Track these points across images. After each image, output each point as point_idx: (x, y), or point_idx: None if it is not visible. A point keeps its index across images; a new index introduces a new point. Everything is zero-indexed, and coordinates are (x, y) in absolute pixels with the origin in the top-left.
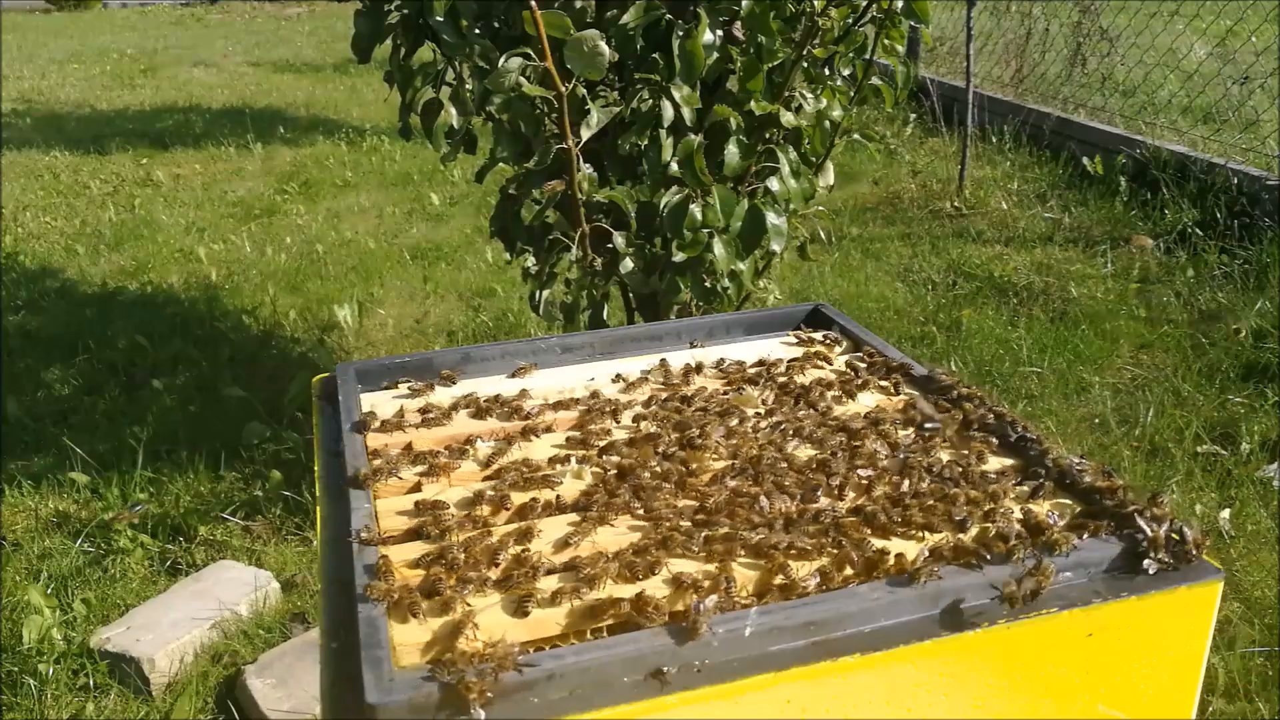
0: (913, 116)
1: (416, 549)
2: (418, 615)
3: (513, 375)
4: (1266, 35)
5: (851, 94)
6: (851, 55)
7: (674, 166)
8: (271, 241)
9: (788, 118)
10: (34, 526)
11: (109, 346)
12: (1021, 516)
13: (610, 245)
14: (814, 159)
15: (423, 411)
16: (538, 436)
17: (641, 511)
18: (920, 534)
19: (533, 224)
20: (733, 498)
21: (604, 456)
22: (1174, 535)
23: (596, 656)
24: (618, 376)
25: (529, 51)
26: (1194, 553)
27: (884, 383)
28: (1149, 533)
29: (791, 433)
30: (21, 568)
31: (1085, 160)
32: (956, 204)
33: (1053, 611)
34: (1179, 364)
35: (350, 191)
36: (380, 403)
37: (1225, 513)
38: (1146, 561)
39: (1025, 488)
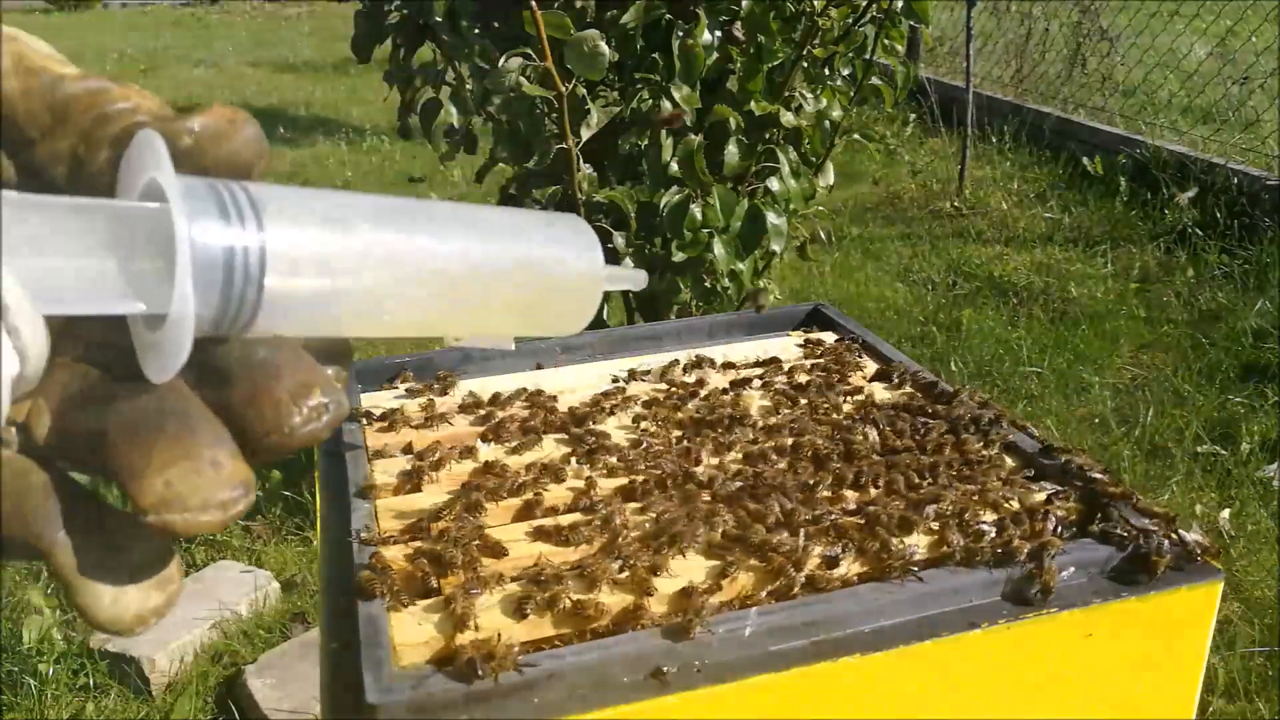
0: (912, 116)
1: (416, 548)
2: (416, 615)
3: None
4: (1266, 35)
5: (851, 94)
6: (851, 55)
7: (674, 166)
8: None
9: (788, 118)
10: None
11: None
12: (1024, 517)
13: (610, 245)
14: (814, 159)
15: (423, 411)
16: (538, 436)
17: (641, 512)
18: (921, 534)
19: None
20: (732, 498)
21: (604, 456)
22: (1181, 545)
23: (596, 656)
24: (618, 376)
25: (529, 51)
26: (1199, 556)
27: (883, 383)
28: (1155, 550)
29: (791, 433)
30: (22, 568)
31: (1085, 160)
32: (956, 204)
33: (1052, 611)
34: (1179, 364)
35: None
36: (380, 402)
37: (1225, 513)
38: (1148, 571)
39: (1027, 489)
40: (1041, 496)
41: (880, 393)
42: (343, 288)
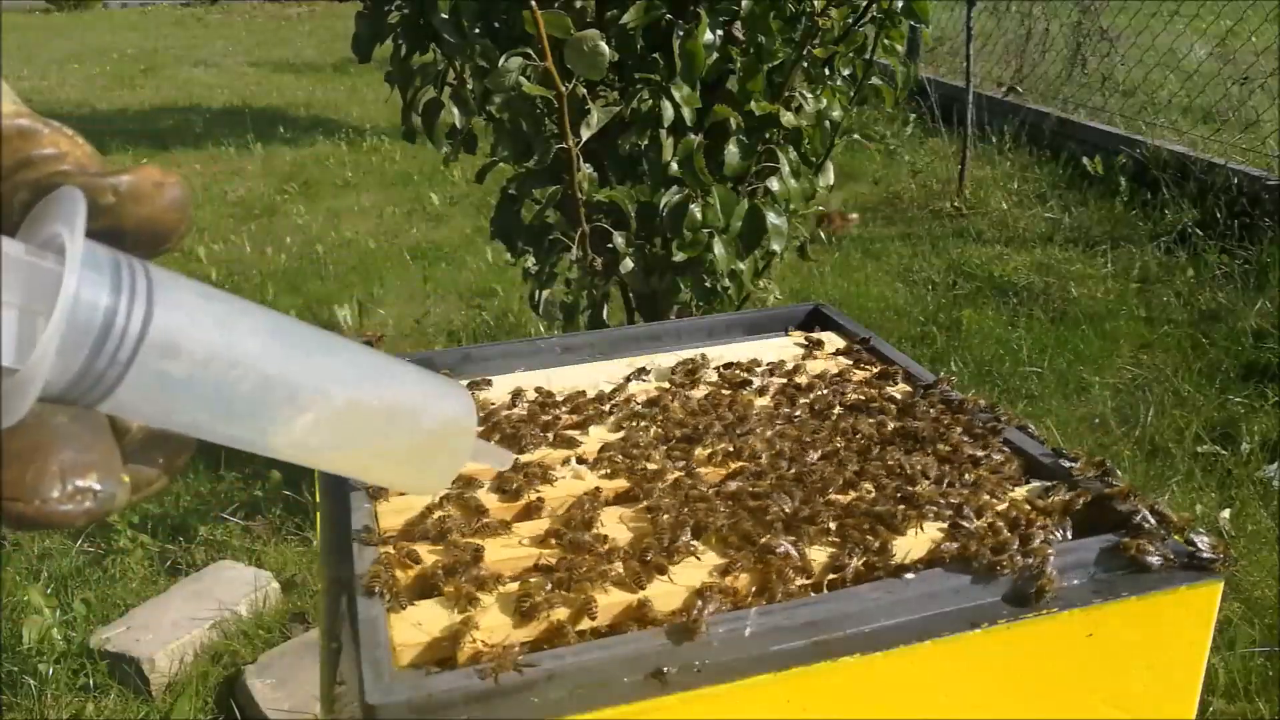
0: (912, 116)
1: (416, 549)
2: (416, 615)
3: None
4: (1266, 35)
5: (851, 94)
6: (851, 55)
7: (674, 166)
8: (271, 241)
9: (788, 118)
10: None
11: None
12: (1023, 517)
13: (610, 245)
14: (814, 159)
15: None
16: (540, 436)
17: (642, 514)
18: (922, 535)
19: (533, 224)
20: (732, 499)
21: (604, 453)
22: (1190, 544)
23: (596, 656)
24: (617, 376)
25: (529, 51)
26: (1215, 559)
27: (883, 384)
28: (1160, 548)
29: (791, 433)
30: (21, 568)
31: (1085, 160)
32: (956, 204)
33: (1053, 611)
34: (1179, 364)
35: (350, 191)
36: None
37: (1225, 513)
38: (1148, 558)
39: (1027, 488)
40: (1041, 496)
41: (880, 394)
42: (206, 395)
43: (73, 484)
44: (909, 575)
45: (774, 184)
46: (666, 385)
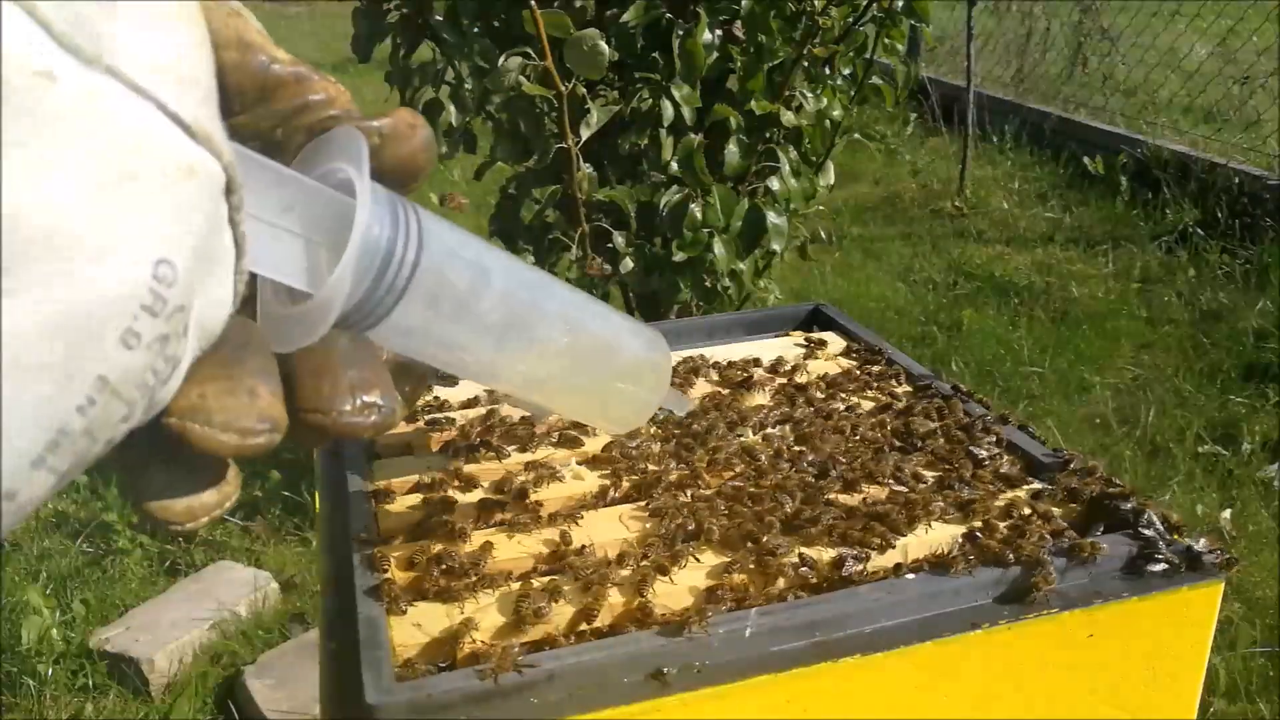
0: (913, 116)
1: (416, 549)
2: (416, 615)
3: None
4: (1267, 35)
5: (852, 93)
6: (852, 54)
7: (674, 166)
8: None
9: (788, 117)
10: (33, 526)
11: None
12: (1023, 518)
13: (610, 245)
14: (814, 159)
15: (423, 410)
16: (543, 435)
17: (642, 513)
18: (923, 535)
19: (533, 224)
20: (733, 499)
21: (605, 453)
22: (1188, 546)
23: (596, 657)
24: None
25: (529, 51)
26: (1210, 559)
27: (883, 384)
28: (1165, 553)
29: (792, 434)
30: (21, 568)
31: (1086, 160)
32: (957, 204)
33: (1053, 612)
34: (1180, 364)
35: None
36: None
37: (1226, 513)
38: (1152, 565)
39: (1028, 489)
40: (1042, 497)
41: (880, 394)
42: (460, 325)
43: (361, 399)
44: (909, 575)
45: (774, 183)
46: None
